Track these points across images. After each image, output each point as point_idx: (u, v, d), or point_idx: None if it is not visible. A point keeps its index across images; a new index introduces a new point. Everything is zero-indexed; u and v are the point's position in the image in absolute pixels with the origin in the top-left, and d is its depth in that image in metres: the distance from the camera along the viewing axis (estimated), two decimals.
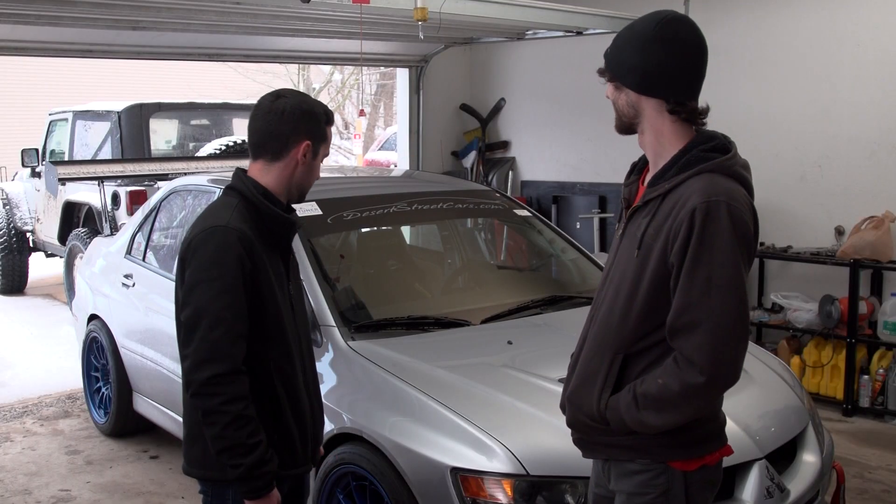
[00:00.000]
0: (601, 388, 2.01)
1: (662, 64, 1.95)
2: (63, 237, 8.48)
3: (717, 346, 1.84)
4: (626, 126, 2.06)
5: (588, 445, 2.12)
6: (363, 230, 4.52)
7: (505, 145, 8.52)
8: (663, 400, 1.90)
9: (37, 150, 9.08)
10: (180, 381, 2.28)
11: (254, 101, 2.58)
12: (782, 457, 3.13)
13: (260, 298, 2.25)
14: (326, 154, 2.39)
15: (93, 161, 7.67)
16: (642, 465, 2.00)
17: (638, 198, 2.06)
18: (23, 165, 9.20)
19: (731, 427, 2.93)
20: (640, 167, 2.13)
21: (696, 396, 1.87)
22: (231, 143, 8.20)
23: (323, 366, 3.37)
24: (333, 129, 2.49)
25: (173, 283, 2.37)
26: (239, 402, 2.15)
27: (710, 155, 1.95)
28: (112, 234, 6.03)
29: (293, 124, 2.30)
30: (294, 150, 2.31)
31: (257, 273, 2.24)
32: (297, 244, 3.64)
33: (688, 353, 1.86)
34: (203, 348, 2.15)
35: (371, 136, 22.43)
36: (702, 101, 2.03)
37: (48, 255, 9.58)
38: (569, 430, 2.18)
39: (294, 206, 2.45)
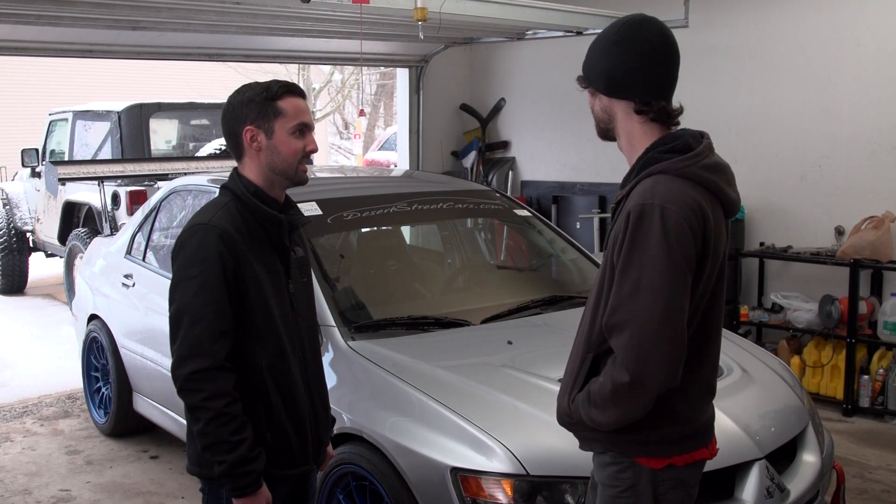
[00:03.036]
0: (572, 385, 2.06)
1: (625, 65, 1.96)
2: (63, 237, 8.47)
3: (640, 346, 1.86)
4: (604, 132, 2.09)
5: (578, 438, 2.16)
6: (363, 230, 4.51)
7: (505, 145, 8.52)
8: (602, 397, 1.94)
9: (37, 150, 9.08)
10: None
11: None
12: (782, 457, 3.13)
13: (246, 296, 2.25)
14: (297, 124, 2.29)
15: (93, 161, 7.67)
16: (613, 457, 2.04)
17: None
18: (23, 165, 9.21)
19: (731, 427, 2.95)
20: None
21: (624, 395, 1.90)
22: None
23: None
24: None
25: None
26: (221, 398, 2.16)
27: (665, 156, 1.94)
28: (112, 234, 6.04)
29: (231, 120, 2.33)
30: (245, 143, 2.31)
31: (241, 271, 2.24)
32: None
33: (617, 353, 1.90)
34: (185, 345, 2.18)
35: (371, 136, 22.42)
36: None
37: (48, 255, 9.58)
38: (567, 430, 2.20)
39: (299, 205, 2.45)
